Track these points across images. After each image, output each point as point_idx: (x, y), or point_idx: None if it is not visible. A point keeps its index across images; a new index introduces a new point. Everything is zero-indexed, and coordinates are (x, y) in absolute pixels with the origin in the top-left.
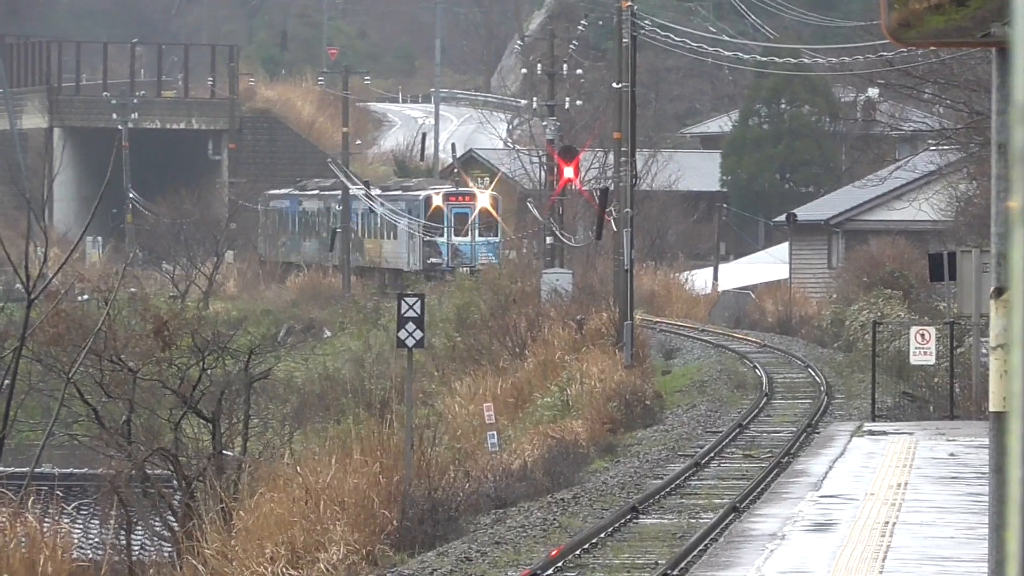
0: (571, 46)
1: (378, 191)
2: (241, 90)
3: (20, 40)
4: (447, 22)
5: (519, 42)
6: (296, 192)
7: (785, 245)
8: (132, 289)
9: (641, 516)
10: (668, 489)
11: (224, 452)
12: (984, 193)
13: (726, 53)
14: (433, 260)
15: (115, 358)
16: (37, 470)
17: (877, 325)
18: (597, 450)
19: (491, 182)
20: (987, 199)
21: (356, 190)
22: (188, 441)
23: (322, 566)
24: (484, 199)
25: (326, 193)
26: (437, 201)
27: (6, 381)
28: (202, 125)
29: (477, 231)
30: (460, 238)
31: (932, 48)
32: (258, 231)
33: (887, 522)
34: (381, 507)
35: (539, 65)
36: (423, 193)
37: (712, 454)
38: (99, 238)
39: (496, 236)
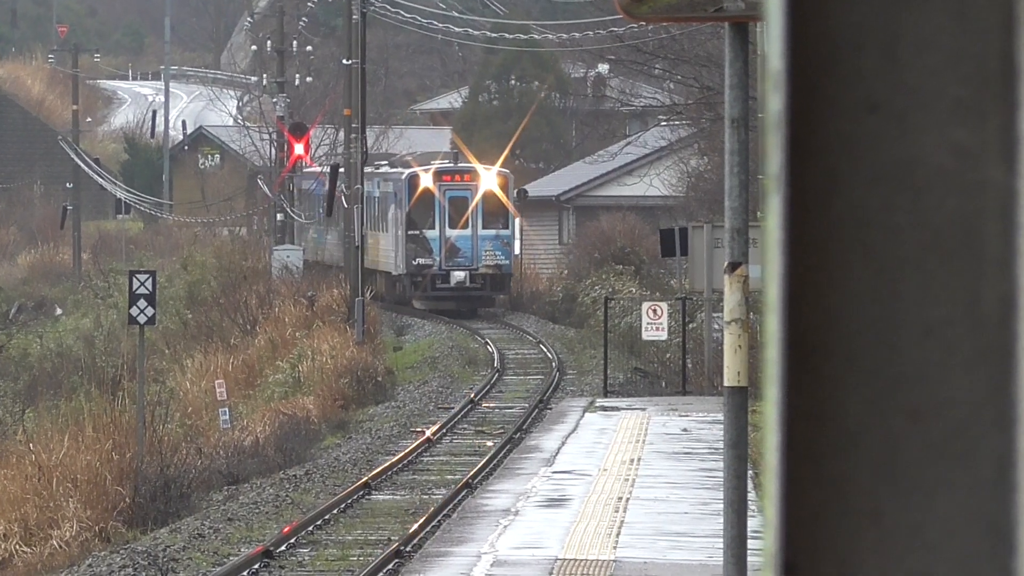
0: (301, 23)
1: (370, 168)
2: None
3: None
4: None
5: (249, 19)
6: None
7: (516, 221)
8: None
9: (374, 492)
10: (400, 465)
11: None
12: (715, 168)
13: (456, 29)
14: (420, 261)
15: None
16: None
17: (609, 301)
18: (329, 427)
19: (220, 159)
20: (719, 174)
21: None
22: None
23: (55, 543)
24: (490, 178)
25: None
26: (426, 181)
27: None
28: None
29: (480, 221)
30: (457, 231)
31: (664, 24)
32: (293, 223)
33: (620, 497)
34: (114, 484)
35: (268, 42)
36: (407, 171)
37: (444, 430)
38: None
39: (507, 228)
